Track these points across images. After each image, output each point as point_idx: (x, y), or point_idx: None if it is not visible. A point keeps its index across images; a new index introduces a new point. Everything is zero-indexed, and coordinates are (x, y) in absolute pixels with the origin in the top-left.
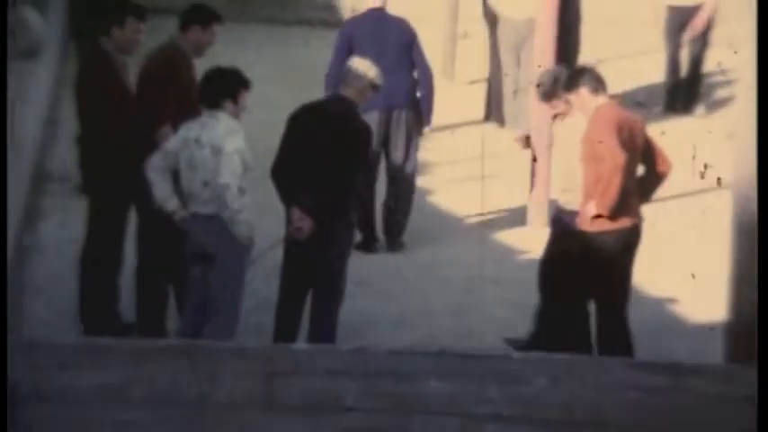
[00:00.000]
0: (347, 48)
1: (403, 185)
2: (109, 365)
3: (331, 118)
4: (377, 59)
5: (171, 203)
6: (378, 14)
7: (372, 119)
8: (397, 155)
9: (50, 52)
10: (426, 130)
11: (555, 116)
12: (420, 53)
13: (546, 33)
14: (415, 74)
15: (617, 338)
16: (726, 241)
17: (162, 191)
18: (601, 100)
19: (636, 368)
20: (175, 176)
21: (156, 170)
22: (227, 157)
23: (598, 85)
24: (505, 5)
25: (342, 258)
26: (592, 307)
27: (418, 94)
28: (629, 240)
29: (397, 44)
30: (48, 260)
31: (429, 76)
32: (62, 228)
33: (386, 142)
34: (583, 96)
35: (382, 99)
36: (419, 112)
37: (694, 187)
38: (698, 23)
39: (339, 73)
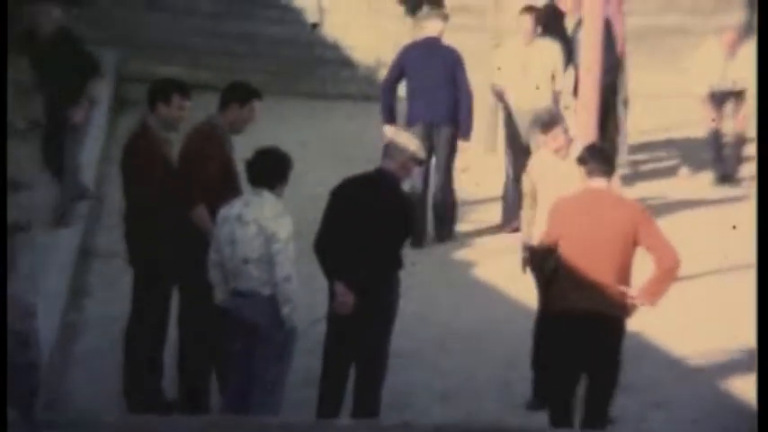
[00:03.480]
0: (400, 67)
1: (445, 186)
2: None
3: (373, 192)
4: (423, 78)
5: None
6: (431, 42)
7: (417, 130)
8: (440, 160)
9: (94, 130)
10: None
11: (557, 150)
12: (462, 75)
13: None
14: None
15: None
16: None
17: (222, 293)
18: (595, 184)
19: None
20: None
21: (213, 267)
22: (284, 245)
23: (595, 167)
24: (515, 96)
25: (385, 333)
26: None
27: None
28: (580, 326)
29: (442, 66)
30: (92, 337)
31: (468, 96)
32: (107, 304)
33: (433, 149)
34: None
35: (425, 113)
36: (458, 128)
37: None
38: (740, 121)
39: (390, 88)
